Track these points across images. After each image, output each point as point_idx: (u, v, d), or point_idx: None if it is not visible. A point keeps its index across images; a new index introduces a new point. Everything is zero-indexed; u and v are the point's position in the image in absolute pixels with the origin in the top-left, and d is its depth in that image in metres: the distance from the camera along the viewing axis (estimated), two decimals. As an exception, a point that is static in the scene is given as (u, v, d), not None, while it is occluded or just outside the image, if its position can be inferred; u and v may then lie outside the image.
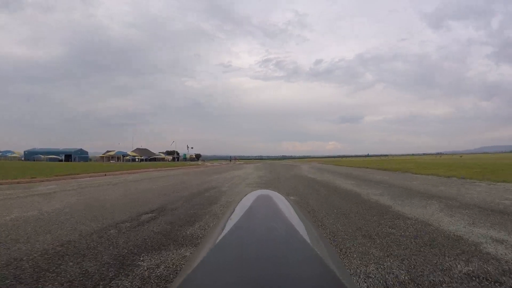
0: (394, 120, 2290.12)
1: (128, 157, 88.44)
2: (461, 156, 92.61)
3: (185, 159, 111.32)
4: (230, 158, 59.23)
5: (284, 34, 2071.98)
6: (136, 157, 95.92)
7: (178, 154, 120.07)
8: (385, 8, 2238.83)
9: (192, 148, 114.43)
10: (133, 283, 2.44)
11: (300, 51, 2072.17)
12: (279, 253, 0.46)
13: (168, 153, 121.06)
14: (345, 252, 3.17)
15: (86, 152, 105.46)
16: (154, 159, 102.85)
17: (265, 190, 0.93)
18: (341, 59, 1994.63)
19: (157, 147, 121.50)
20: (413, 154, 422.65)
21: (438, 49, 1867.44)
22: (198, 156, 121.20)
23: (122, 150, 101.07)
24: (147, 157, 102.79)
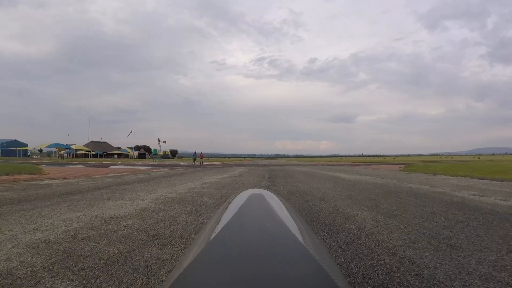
0: (387, 120, 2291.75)
1: (63, 152, 61.20)
2: (479, 158, 75.13)
3: (155, 155, 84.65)
4: (194, 156, 32.10)
5: (279, 32, 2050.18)
6: (81, 151, 68.82)
7: (148, 150, 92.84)
8: (380, 8, 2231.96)
9: (164, 142, 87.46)
10: None
11: (295, 50, 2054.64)
12: (272, 252, 0.45)
13: (137, 148, 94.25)
14: None
15: (25, 144, 78.26)
16: (114, 155, 76.03)
17: (257, 189, 0.91)
18: (335, 57, 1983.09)
19: (147, 143, 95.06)
20: (408, 155, 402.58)
21: (432, 50, 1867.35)
22: (174, 153, 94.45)
23: (68, 143, 73.80)
24: (102, 152, 75.93)
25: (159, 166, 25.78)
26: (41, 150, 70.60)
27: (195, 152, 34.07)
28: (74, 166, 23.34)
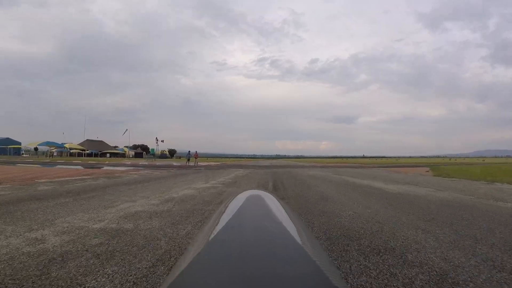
0: (387, 121, 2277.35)
1: (54, 150, 57.90)
2: (483, 160, 70.58)
3: (153, 155, 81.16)
4: (188, 156, 28.33)
5: (279, 33, 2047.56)
6: (75, 150, 65.53)
7: (145, 149, 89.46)
8: (381, 8, 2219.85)
9: (162, 141, 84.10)
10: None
11: (295, 50, 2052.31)
12: (270, 252, 0.45)
13: (135, 147, 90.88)
14: None
15: (18, 143, 74.90)
16: (107, 154, 72.51)
17: (256, 190, 0.91)
18: (336, 58, 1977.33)
19: (147, 143, 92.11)
20: (410, 157, 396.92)
21: (433, 50, 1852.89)
22: (172, 153, 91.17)
23: (63, 142, 70.48)
24: (97, 151, 72.56)
25: (148, 166, 22.38)
26: (36, 149, 67.39)
27: (189, 151, 30.53)
28: (48, 166, 19.90)
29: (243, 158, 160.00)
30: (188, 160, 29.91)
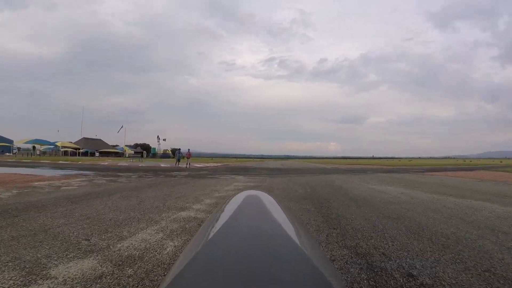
0: (396, 122, 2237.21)
1: (42, 149, 52.27)
2: (500, 162, 61.90)
3: (154, 154, 75.06)
4: (178, 156, 21.29)
5: (288, 33, 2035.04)
6: (68, 148, 59.89)
7: (147, 148, 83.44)
8: (390, 8, 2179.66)
9: (164, 140, 78.50)
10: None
11: (304, 50, 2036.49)
12: (268, 253, 0.45)
13: (136, 146, 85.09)
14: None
15: (9, 141, 69.71)
16: (96, 153, 66.58)
17: (253, 190, 0.91)
18: (345, 58, 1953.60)
19: (152, 142, 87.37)
20: (419, 157, 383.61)
21: (443, 50, 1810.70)
22: (175, 152, 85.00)
23: (57, 140, 64.95)
24: (93, 150, 66.89)
25: (117, 170, 15.85)
26: (34, 148, 62.15)
27: (179, 150, 23.91)
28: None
29: (251, 158, 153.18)
30: (178, 160, 23.26)
